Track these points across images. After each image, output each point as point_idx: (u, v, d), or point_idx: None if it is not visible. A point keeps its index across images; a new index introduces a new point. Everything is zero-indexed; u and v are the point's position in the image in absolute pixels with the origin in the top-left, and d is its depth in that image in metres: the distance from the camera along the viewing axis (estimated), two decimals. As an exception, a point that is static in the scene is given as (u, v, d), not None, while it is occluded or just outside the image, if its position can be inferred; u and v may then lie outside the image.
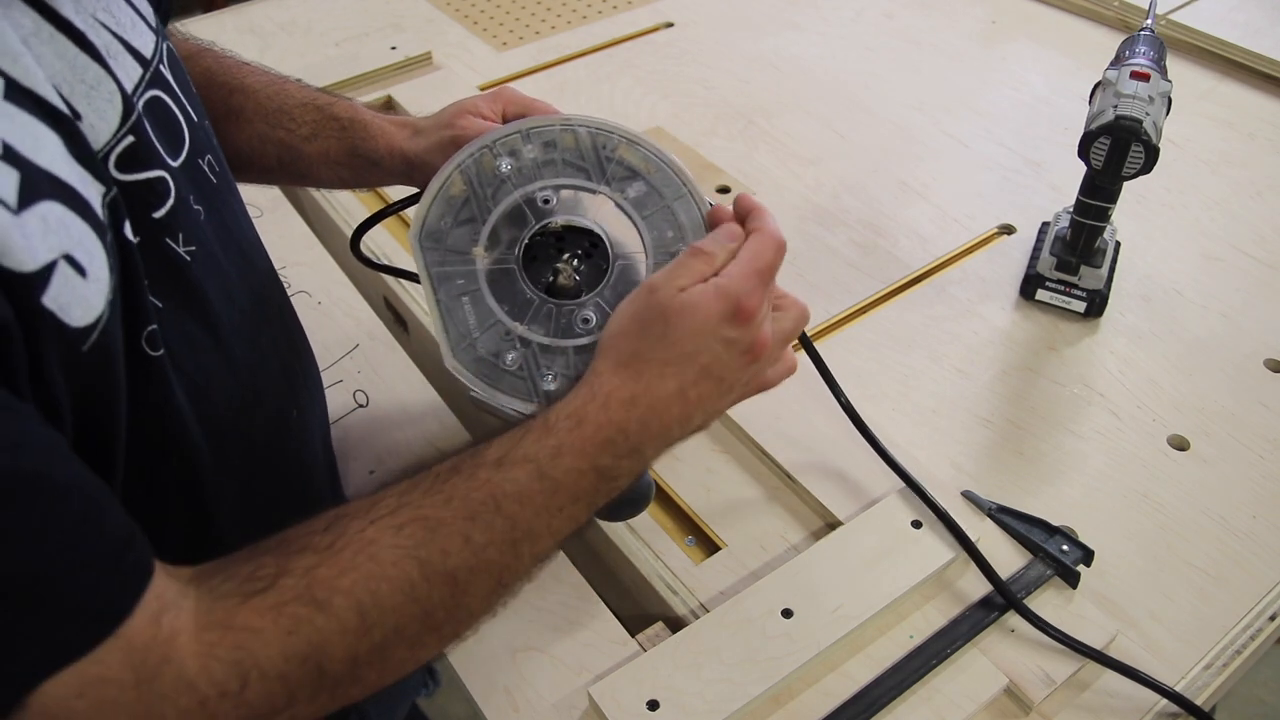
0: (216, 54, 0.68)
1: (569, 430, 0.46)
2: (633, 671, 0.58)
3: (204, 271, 0.48)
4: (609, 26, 1.25)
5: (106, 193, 0.40)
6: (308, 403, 0.62)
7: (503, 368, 0.52)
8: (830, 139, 1.06)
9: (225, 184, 0.54)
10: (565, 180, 0.56)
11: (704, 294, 0.48)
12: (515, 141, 0.57)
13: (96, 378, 0.39)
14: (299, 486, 0.62)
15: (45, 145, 0.37)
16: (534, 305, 0.54)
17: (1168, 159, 0.85)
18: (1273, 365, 0.81)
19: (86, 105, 0.41)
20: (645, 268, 0.54)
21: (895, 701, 0.59)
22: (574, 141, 0.57)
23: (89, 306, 0.38)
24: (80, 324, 0.37)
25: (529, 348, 0.53)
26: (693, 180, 0.56)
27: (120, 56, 0.44)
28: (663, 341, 0.48)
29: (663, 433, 0.48)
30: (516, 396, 0.52)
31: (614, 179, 0.56)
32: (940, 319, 0.85)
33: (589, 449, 0.46)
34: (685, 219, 0.55)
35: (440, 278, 0.54)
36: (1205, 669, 0.62)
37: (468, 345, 0.53)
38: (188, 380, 0.47)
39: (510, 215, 0.55)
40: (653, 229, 0.55)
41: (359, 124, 0.65)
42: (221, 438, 0.50)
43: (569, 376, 0.52)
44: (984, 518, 0.68)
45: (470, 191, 0.56)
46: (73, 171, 0.38)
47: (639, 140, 0.57)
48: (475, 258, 0.54)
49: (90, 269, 0.38)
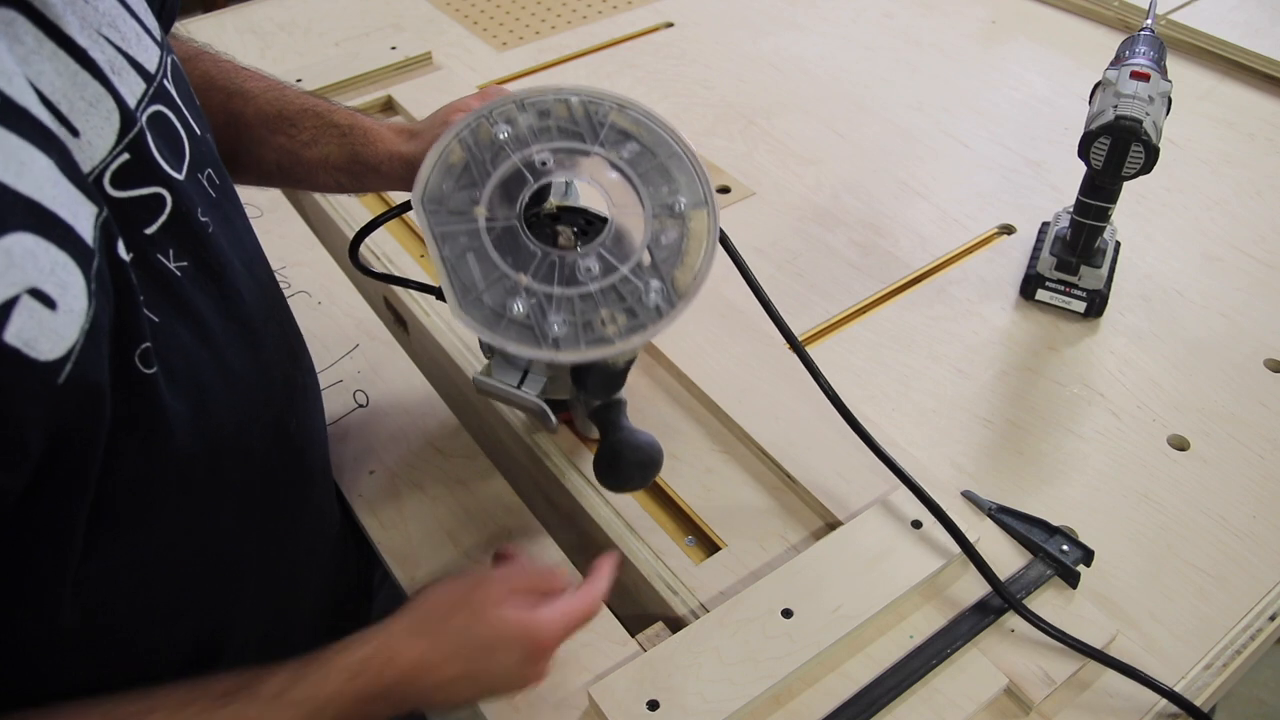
0: (214, 57, 0.68)
1: (345, 681, 0.49)
2: (633, 671, 0.58)
3: (196, 286, 0.48)
4: (609, 26, 1.25)
5: (99, 213, 0.39)
6: (306, 413, 0.62)
7: (510, 317, 0.53)
8: (830, 139, 1.06)
9: (225, 196, 0.54)
10: (561, 144, 0.58)
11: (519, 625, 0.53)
12: (510, 111, 0.58)
13: (74, 407, 0.39)
14: (297, 495, 0.62)
15: (32, 168, 0.36)
16: (537, 258, 0.55)
17: (1168, 159, 0.85)
18: (1273, 365, 0.81)
19: (85, 122, 0.41)
20: (644, 218, 0.56)
21: (895, 701, 0.59)
22: (567, 110, 0.59)
23: (59, 338, 0.37)
24: (50, 357, 0.36)
25: (534, 297, 0.54)
26: (684, 139, 0.58)
27: (124, 72, 0.44)
28: (464, 637, 0.53)
29: (423, 699, 0.53)
30: (524, 344, 0.53)
31: (607, 142, 0.58)
32: (940, 319, 0.85)
33: (359, 704, 0.49)
34: (679, 173, 0.57)
35: (444, 236, 0.55)
36: (1205, 669, 0.62)
37: (474, 299, 0.54)
38: (184, 394, 0.46)
39: (509, 178, 0.57)
40: (648, 184, 0.57)
41: (359, 130, 0.65)
42: (219, 450, 0.50)
43: (574, 322, 0.53)
44: (984, 518, 0.68)
45: (469, 157, 0.57)
46: (63, 193, 0.37)
47: (630, 104, 0.59)
48: (477, 216, 0.56)
49: (62, 300, 0.37)
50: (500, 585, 0.55)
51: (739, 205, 0.97)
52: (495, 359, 0.65)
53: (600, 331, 0.53)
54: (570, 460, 0.73)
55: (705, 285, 0.54)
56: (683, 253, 0.55)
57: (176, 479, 0.48)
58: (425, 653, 0.52)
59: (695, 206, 0.56)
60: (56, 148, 0.38)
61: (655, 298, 0.54)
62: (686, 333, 0.80)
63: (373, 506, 0.70)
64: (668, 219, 0.56)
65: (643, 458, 0.59)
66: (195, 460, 0.48)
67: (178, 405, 0.46)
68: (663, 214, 0.56)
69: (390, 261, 0.90)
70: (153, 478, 0.46)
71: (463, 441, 0.74)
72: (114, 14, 0.45)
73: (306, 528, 0.64)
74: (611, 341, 0.53)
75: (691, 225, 0.56)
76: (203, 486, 0.50)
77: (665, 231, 0.56)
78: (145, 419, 0.44)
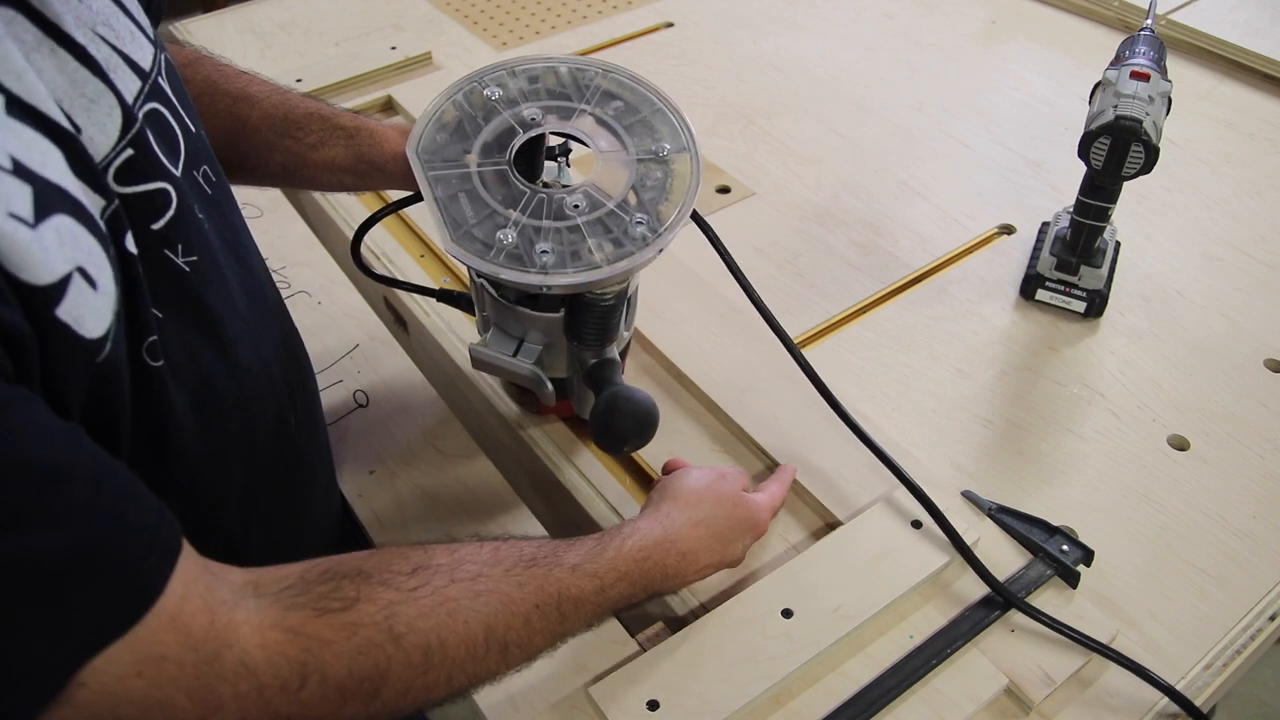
0: (215, 62, 0.69)
1: (635, 562, 0.55)
2: (633, 671, 0.58)
3: (205, 281, 0.49)
4: (609, 26, 1.25)
5: (107, 206, 0.40)
6: (306, 407, 0.62)
7: (499, 247, 0.57)
8: (830, 139, 1.06)
9: (221, 193, 0.55)
10: (550, 103, 0.62)
11: (757, 509, 0.64)
12: (502, 76, 0.63)
13: (107, 389, 0.40)
14: (298, 494, 0.62)
15: (50, 160, 0.37)
16: (526, 195, 0.59)
17: (1168, 159, 0.85)
18: (1273, 365, 0.81)
19: (86, 119, 0.41)
20: (629, 162, 0.60)
21: (895, 701, 0.59)
22: (555, 77, 0.64)
23: (101, 318, 0.38)
24: (94, 335, 0.38)
25: (523, 230, 0.57)
26: (667, 95, 0.63)
27: (120, 70, 0.45)
28: (726, 524, 0.61)
29: (681, 580, 0.59)
30: (514, 269, 0.56)
31: (593, 101, 0.63)
32: (940, 319, 0.85)
33: (641, 582, 0.56)
34: (662, 126, 0.62)
35: (436, 180, 0.59)
36: (1205, 669, 0.62)
37: (464, 233, 0.57)
38: (189, 389, 0.47)
39: (500, 131, 0.61)
40: (633, 134, 0.62)
41: (364, 131, 0.66)
42: (222, 444, 0.51)
43: (562, 251, 0.57)
44: (984, 518, 0.68)
45: (462, 115, 0.61)
46: (75, 186, 0.38)
47: (615, 69, 0.64)
48: (469, 163, 0.60)
49: (100, 281, 0.38)
50: (734, 477, 0.64)
51: (739, 205, 0.97)
52: (491, 331, 0.66)
53: (588, 259, 0.56)
54: (568, 457, 0.74)
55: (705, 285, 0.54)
56: (667, 191, 0.59)
57: (181, 474, 0.48)
58: (702, 538, 0.59)
59: (678, 151, 0.61)
60: (66, 143, 0.38)
61: (641, 229, 0.58)
62: (686, 332, 0.80)
63: (373, 506, 0.70)
64: (653, 164, 0.60)
65: (638, 411, 0.61)
66: (199, 455, 0.49)
67: (182, 400, 0.47)
68: (648, 159, 0.60)
69: (390, 261, 0.90)
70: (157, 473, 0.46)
71: (462, 440, 0.74)
72: (108, 12, 0.45)
73: (307, 527, 0.65)
74: (599, 266, 0.56)
75: (675, 168, 0.60)
76: (206, 482, 0.50)
77: (650, 174, 0.60)
78: (153, 412, 0.45)
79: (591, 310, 0.60)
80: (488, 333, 0.66)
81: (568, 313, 0.62)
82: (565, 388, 0.68)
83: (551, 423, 0.76)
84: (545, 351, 0.65)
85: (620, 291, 0.60)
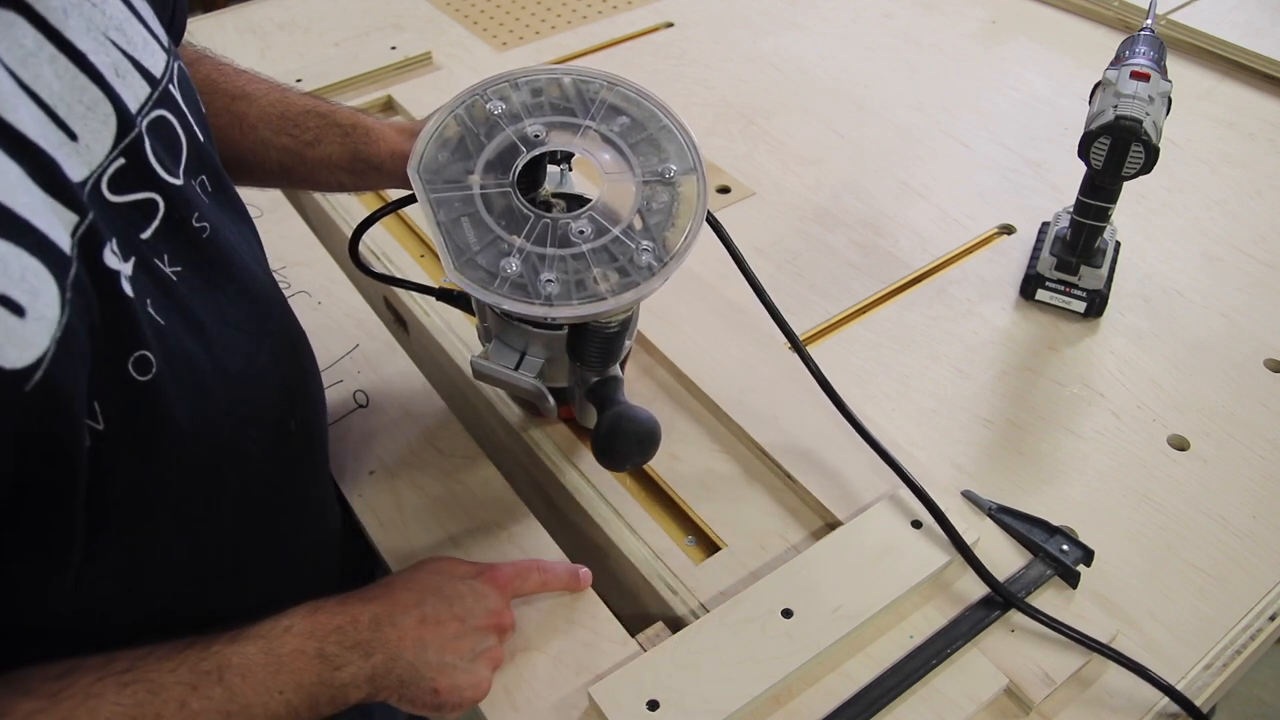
0: (215, 61, 0.69)
1: (303, 615, 0.51)
2: (633, 671, 0.58)
3: (193, 290, 0.48)
4: (609, 26, 1.25)
5: (80, 222, 0.39)
6: (308, 414, 0.62)
7: (503, 276, 0.55)
8: (830, 139, 1.06)
9: (225, 200, 0.54)
10: (554, 118, 0.60)
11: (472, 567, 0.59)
12: (505, 89, 0.61)
13: (44, 414, 0.38)
14: (297, 496, 0.62)
15: (2, 177, 0.36)
16: (530, 221, 0.57)
17: (1168, 159, 0.85)
18: (1273, 365, 0.81)
19: (83, 126, 0.41)
20: (635, 184, 0.58)
21: (895, 701, 0.59)
22: (559, 89, 0.61)
23: (27, 346, 0.36)
24: (18, 365, 0.36)
25: (528, 258, 0.56)
26: (674, 111, 0.61)
27: (129, 75, 0.44)
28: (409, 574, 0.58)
29: (396, 642, 0.53)
30: (518, 300, 0.54)
31: (598, 116, 0.61)
32: (940, 319, 0.85)
33: (317, 631, 0.51)
34: (669, 144, 0.60)
35: (439, 202, 0.57)
36: (1205, 669, 0.62)
37: (468, 259, 0.56)
38: (184, 399, 0.46)
39: (503, 149, 0.59)
40: (639, 153, 0.59)
41: (361, 129, 0.66)
42: (217, 454, 0.50)
43: (566, 280, 0.55)
44: (984, 517, 0.68)
45: (464, 131, 0.59)
46: (35, 202, 0.37)
47: (621, 82, 0.62)
48: (472, 184, 0.58)
49: (31, 307, 0.36)
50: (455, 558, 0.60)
51: (739, 205, 0.97)
52: (493, 343, 0.65)
53: (593, 289, 0.55)
54: (569, 459, 0.73)
55: (705, 285, 0.54)
56: (673, 215, 0.57)
57: (175, 483, 0.48)
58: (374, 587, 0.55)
59: (685, 173, 0.59)
60: (30, 157, 0.37)
61: (647, 257, 0.56)
62: (686, 333, 0.80)
63: (373, 506, 0.70)
64: (659, 185, 0.58)
65: (640, 431, 0.59)
66: (194, 464, 0.48)
67: (177, 410, 0.46)
68: (654, 181, 0.58)
69: (389, 260, 0.90)
70: (151, 482, 0.46)
71: (462, 441, 0.74)
72: (121, 18, 0.45)
73: (307, 528, 0.64)
74: (604, 298, 0.54)
75: (681, 190, 0.58)
76: (201, 489, 0.50)
77: (656, 197, 0.58)
78: (142, 425, 0.44)
79: (595, 336, 0.59)
80: (489, 344, 0.66)
81: (571, 335, 0.61)
82: (567, 393, 0.68)
83: (553, 424, 0.76)
84: (548, 364, 0.65)
85: (625, 320, 0.59)
